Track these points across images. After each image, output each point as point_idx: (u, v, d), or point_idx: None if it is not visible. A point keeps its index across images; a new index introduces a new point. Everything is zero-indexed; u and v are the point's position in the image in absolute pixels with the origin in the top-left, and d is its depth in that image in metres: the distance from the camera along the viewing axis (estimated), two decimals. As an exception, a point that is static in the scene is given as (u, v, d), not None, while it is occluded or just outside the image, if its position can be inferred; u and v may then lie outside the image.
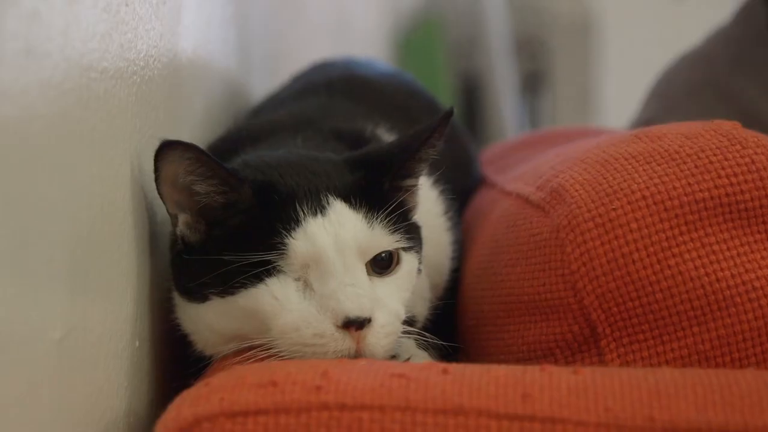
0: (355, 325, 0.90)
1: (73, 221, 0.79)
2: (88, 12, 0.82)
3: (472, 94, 3.47)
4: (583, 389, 0.75)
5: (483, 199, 1.21)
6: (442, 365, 0.80)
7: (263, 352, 0.91)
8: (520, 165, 1.23)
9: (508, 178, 1.19)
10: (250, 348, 0.92)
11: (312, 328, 0.90)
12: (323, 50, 1.62)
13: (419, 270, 0.99)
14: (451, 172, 1.13)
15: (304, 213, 0.92)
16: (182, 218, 0.94)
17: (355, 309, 0.90)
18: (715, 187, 0.91)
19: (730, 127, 0.95)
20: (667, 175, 0.93)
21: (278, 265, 0.91)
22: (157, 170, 0.91)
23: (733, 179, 0.91)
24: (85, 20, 0.81)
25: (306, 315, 0.91)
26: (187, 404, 0.76)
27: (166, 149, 0.90)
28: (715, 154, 0.93)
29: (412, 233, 0.98)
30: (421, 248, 1.00)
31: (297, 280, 0.92)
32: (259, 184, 0.93)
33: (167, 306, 1.00)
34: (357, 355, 0.90)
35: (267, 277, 0.91)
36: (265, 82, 1.38)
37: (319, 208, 0.93)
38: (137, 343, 0.93)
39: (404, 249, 0.96)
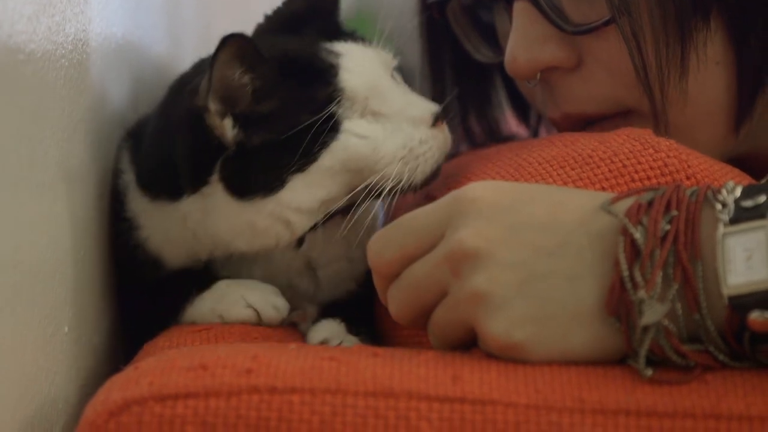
0: (440, 117, 0.96)
1: (-1, 204, 0.78)
2: (16, -7, 0.81)
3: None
4: (513, 372, 0.75)
5: None
6: (372, 348, 0.80)
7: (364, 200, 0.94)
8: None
9: None
10: (350, 206, 0.95)
11: (416, 137, 0.94)
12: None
13: None
14: None
15: (332, 61, 0.96)
16: (228, 122, 0.94)
17: (432, 105, 0.97)
18: (629, 190, 0.91)
19: (642, 132, 0.96)
20: (581, 179, 0.93)
21: (339, 115, 0.94)
22: (211, 76, 0.92)
23: (647, 182, 0.92)
24: (12, 1, 0.80)
25: (401, 132, 0.95)
26: (116, 388, 0.76)
27: (225, 46, 0.91)
28: (628, 158, 0.93)
29: None
30: None
31: (362, 117, 0.95)
32: (278, 60, 0.95)
33: (98, 291, 0.99)
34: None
35: (340, 125, 0.94)
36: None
37: (336, 51, 0.98)
38: (66, 329, 0.92)
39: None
